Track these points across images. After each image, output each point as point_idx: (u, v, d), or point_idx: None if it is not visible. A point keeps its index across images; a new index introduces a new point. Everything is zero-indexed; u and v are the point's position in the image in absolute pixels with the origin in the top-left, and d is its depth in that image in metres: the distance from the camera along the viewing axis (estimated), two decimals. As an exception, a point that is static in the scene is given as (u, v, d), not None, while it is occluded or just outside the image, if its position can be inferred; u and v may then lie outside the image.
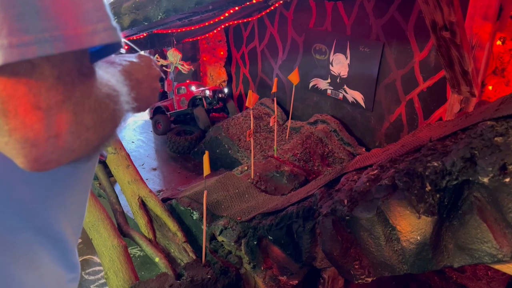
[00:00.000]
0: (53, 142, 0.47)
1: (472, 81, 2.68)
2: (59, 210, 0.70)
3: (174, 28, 3.98)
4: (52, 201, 0.68)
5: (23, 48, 0.42)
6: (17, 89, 0.44)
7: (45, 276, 0.71)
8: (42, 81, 0.45)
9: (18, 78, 0.44)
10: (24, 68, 0.44)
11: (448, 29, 2.31)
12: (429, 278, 2.75)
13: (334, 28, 4.10)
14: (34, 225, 0.66)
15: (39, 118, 0.45)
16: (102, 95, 0.53)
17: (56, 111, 0.47)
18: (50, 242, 0.69)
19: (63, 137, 0.48)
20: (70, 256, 0.77)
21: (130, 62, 0.75)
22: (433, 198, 1.35)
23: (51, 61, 0.46)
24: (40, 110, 0.45)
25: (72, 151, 0.51)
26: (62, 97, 0.47)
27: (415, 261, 1.47)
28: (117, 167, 3.01)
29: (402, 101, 3.73)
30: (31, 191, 0.63)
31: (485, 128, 1.31)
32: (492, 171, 1.20)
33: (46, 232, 0.68)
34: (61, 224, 0.71)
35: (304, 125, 4.44)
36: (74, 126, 0.49)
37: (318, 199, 1.98)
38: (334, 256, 1.75)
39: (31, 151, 0.46)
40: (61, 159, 0.50)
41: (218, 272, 2.33)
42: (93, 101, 0.51)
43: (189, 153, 4.90)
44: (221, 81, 5.60)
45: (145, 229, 2.79)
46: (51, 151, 0.48)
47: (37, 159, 0.47)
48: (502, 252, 1.25)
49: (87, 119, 0.51)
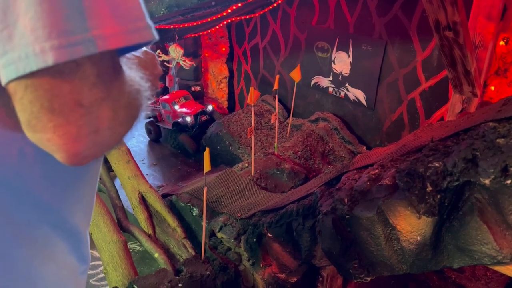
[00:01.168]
0: (93, 138, 0.50)
1: (474, 81, 2.67)
2: (75, 203, 0.72)
3: (176, 24, 3.96)
4: (68, 195, 0.70)
5: (70, 48, 0.45)
6: (62, 88, 0.46)
7: (62, 268, 0.74)
8: (85, 79, 0.48)
9: (63, 77, 0.46)
10: (69, 68, 0.46)
11: (451, 29, 2.30)
12: (428, 278, 2.76)
13: (336, 26, 4.09)
14: (51, 219, 0.68)
15: (82, 114, 0.48)
16: (134, 91, 0.56)
17: (97, 108, 0.49)
18: (65, 235, 0.72)
19: (101, 132, 0.51)
20: (82, 248, 0.79)
21: (139, 58, 0.76)
22: (434, 198, 1.35)
23: (91, 60, 0.48)
24: (83, 107, 0.48)
25: (107, 145, 0.54)
26: (102, 95, 0.49)
27: (415, 261, 1.48)
28: (118, 162, 3.01)
29: (403, 100, 3.72)
30: (49, 186, 0.65)
31: (487, 129, 1.31)
32: (493, 173, 1.20)
33: (63, 225, 0.71)
34: (75, 217, 0.73)
35: (305, 122, 4.43)
36: (112, 122, 0.52)
37: (318, 197, 1.97)
38: (333, 255, 1.76)
39: (73, 146, 0.49)
40: (98, 153, 0.53)
41: (217, 269, 2.34)
42: (127, 97, 0.54)
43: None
44: (223, 77, 5.58)
45: (145, 224, 2.79)
46: (91, 146, 0.50)
47: (77, 154, 0.50)
48: (502, 254, 1.25)
49: (122, 115, 0.53)
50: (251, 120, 3.19)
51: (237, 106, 5.78)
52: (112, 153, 3.02)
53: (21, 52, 0.44)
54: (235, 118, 4.70)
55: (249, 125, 3.96)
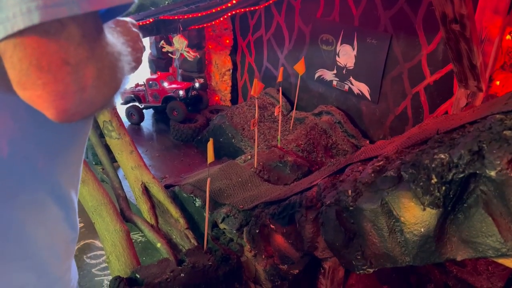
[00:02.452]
0: (80, 95, 0.53)
1: (480, 76, 2.66)
2: (64, 170, 0.76)
3: (181, 15, 3.95)
4: (60, 161, 0.73)
5: (55, 8, 0.47)
6: (49, 47, 0.48)
7: (54, 234, 0.78)
8: (70, 39, 0.50)
9: (50, 37, 0.48)
10: (54, 28, 0.48)
11: (458, 22, 2.28)
12: (429, 272, 2.76)
13: (341, 19, 4.06)
14: (47, 184, 0.72)
15: (69, 72, 0.50)
16: (116, 52, 0.59)
17: (83, 67, 0.52)
18: (58, 202, 0.76)
19: (87, 90, 0.53)
20: (73, 217, 0.83)
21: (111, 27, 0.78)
22: (439, 190, 1.34)
23: (76, 21, 0.50)
24: (69, 65, 0.50)
25: (93, 104, 0.56)
26: (87, 54, 0.52)
27: (418, 253, 1.47)
28: (121, 152, 3.01)
29: (408, 94, 3.71)
30: (43, 149, 0.68)
31: (494, 122, 1.30)
32: (499, 165, 1.19)
33: (56, 192, 0.74)
34: (66, 184, 0.77)
35: (308, 116, 4.42)
36: (97, 80, 0.54)
37: (322, 189, 1.97)
38: (336, 246, 1.76)
39: (61, 103, 0.52)
40: (85, 111, 0.56)
41: (219, 259, 2.34)
42: (110, 58, 0.57)
43: (192, 141, 4.90)
44: (226, 69, 5.57)
45: (148, 214, 2.80)
46: (78, 103, 0.53)
47: (66, 111, 0.53)
48: (506, 246, 1.25)
49: (106, 74, 0.56)
50: (255, 113, 3.19)
51: (240, 99, 5.77)
52: (116, 144, 3.02)
53: (9, 12, 0.46)
54: (238, 111, 4.69)
55: (252, 117, 3.95)
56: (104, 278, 3.09)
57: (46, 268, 0.76)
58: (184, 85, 5.19)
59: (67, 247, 0.84)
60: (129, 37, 0.82)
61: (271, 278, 2.35)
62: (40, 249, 0.73)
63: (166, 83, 5.20)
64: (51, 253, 0.77)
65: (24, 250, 0.70)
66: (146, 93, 5.26)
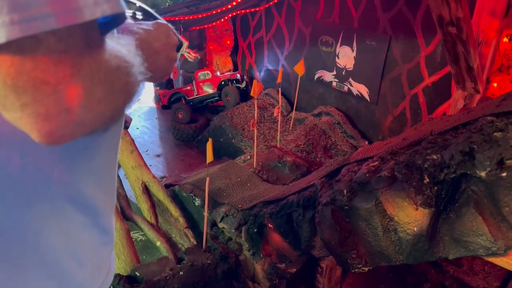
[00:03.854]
0: (65, 116, 0.48)
1: (477, 78, 2.68)
2: (88, 176, 0.71)
3: (182, 16, 3.98)
4: (79, 169, 0.69)
5: (24, 24, 0.42)
6: (24, 65, 0.44)
7: (78, 240, 0.74)
8: (48, 55, 0.45)
9: (24, 54, 0.44)
10: (29, 44, 0.44)
11: (454, 25, 2.31)
12: (426, 271, 2.79)
13: (341, 20, 4.09)
14: (65, 193, 0.67)
15: (48, 93, 0.46)
16: (112, 67, 0.53)
17: (66, 86, 0.47)
18: (82, 209, 0.72)
19: (74, 110, 0.48)
20: (102, 221, 0.79)
21: (146, 31, 0.75)
22: (431, 190, 1.37)
23: (56, 35, 0.45)
24: (48, 85, 0.46)
25: (84, 124, 0.51)
26: (70, 71, 0.47)
27: (411, 251, 1.50)
28: (122, 152, 3.04)
29: (406, 96, 3.73)
30: (58, 160, 0.64)
31: (485, 123, 1.33)
32: (489, 165, 1.22)
33: (77, 199, 0.70)
34: (91, 190, 0.72)
35: (308, 116, 4.45)
36: (85, 99, 0.49)
37: (318, 189, 2.00)
38: (332, 245, 1.79)
39: (44, 125, 0.47)
40: (75, 132, 0.51)
41: (218, 258, 2.38)
42: (103, 74, 0.51)
43: (192, 141, 4.94)
44: (227, 70, 5.60)
45: (148, 213, 2.83)
46: (64, 125, 0.49)
47: (51, 133, 0.48)
48: (496, 245, 1.27)
49: (98, 92, 0.51)
50: (254, 113, 3.22)
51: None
52: (116, 143, 3.05)
53: None
54: (239, 111, 4.73)
55: (253, 118, 3.99)
56: (104, 276, 3.12)
57: (67, 275, 0.73)
58: (234, 73, 5.43)
59: (98, 251, 0.81)
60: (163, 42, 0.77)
61: (269, 276, 2.38)
62: (61, 256, 0.71)
63: (218, 72, 5.42)
64: (74, 259, 0.74)
65: (42, 258, 0.68)
66: (194, 87, 5.35)
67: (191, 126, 4.94)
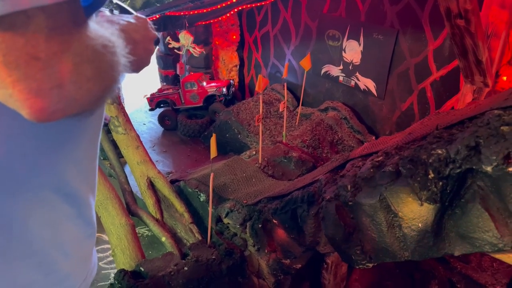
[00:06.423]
0: (57, 92, 0.49)
1: (486, 71, 2.63)
2: (72, 167, 0.72)
3: (187, 11, 3.97)
4: (64, 159, 0.70)
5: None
6: (15, 41, 0.45)
7: (64, 231, 0.75)
8: (39, 32, 0.46)
9: (15, 30, 0.45)
10: (20, 20, 0.44)
11: (462, 17, 2.27)
12: (434, 268, 2.76)
13: (348, 14, 4.05)
14: (51, 182, 0.69)
15: (40, 68, 0.46)
16: (99, 45, 0.54)
17: (56, 61, 0.48)
18: (68, 199, 0.73)
19: (65, 86, 0.49)
20: (86, 213, 0.80)
21: (127, 22, 0.77)
22: (436, 185, 1.35)
23: (46, 12, 0.46)
24: (39, 60, 0.46)
25: (75, 100, 0.52)
26: (60, 47, 0.48)
27: (416, 248, 1.48)
28: (127, 147, 3.05)
29: (414, 90, 3.69)
30: (42, 146, 0.65)
31: (492, 117, 1.29)
32: (496, 160, 1.19)
33: (63, 189, 0.71)
34: (75, 181, 0.74)
35: (314, 111, 4.42)
36: (75, 76, 0.50)
37: (323, 184, 1.98)
38: (336, 241, 1.77)
39: (36, 101, 0.48)
40: (66, 109, 0.52)
41: (222, 253, 2.37)
42: (91, 52, 0.53)
43: (199, 137, 4.93)
44: (233, 65, 5.58)
45: (153, 209, 2.84)
46: (56, 101, 0.49)
47: (43, 109, 0.49)
48: (503, 242, 1.25)
49: (87, 69, 0.52)
50: (260, 109, 3.20)
51: (247, 95, 5.79)
52: (122, 139, 3.06)
53: None
54: (245, 106, 4.71)
55: (258, 113, 3.97)
56: (110, 271, 3.15)
57: (53, 266, 0.74)
58: (224, 82, 5.17)
59: (83, 243, 0.82)
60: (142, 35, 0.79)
61: (274, 272, 2.37)
62: (47, 247, 0.72)
63: (204, 83, 5.12)
64: (60, 250, 0.74)
65: (28, 248, 0.69)
66: (181, 95, 5.15)
67: (198, 121, 4.94)
